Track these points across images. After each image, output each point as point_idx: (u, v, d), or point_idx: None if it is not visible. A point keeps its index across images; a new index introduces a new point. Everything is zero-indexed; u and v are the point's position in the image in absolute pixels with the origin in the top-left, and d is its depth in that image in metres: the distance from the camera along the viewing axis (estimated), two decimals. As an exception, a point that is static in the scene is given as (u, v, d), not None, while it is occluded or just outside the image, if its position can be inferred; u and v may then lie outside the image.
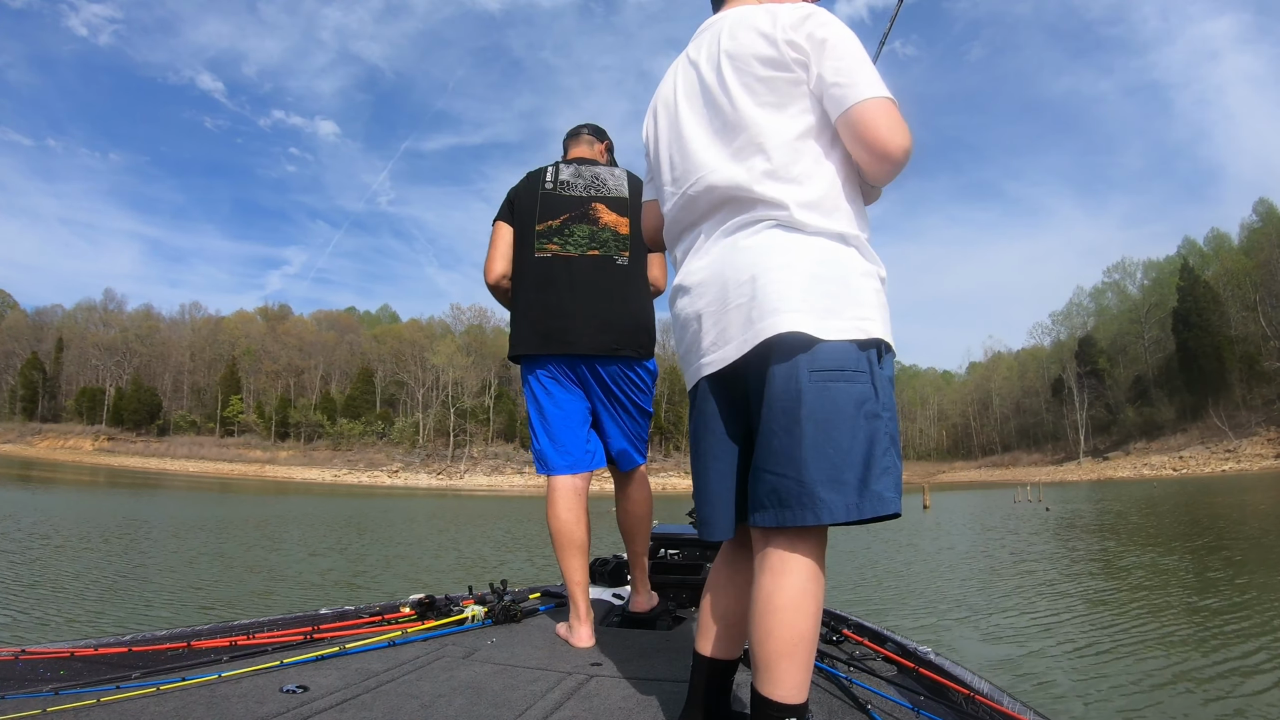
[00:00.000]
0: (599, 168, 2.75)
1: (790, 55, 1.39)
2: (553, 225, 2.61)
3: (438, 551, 13.53)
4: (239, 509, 24.78)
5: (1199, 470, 62.28)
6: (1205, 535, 14.49)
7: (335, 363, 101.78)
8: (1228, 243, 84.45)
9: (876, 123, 1.33)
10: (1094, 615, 7.06)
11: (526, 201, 2.67)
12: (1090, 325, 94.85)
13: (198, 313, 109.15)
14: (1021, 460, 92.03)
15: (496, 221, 2.73)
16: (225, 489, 45.35)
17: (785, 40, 1.39)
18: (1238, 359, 73.43)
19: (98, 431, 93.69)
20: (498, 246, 2.70)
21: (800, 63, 1.39)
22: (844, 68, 1.35)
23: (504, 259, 2.70)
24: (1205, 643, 5.83)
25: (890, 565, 11.19)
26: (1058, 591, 8.45)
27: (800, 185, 1.37)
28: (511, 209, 2.71)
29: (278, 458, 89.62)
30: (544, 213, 2.63)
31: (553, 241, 2.60)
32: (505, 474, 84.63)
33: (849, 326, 1.30)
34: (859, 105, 1.33)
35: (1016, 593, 8.42)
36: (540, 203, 2.65)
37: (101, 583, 8.27)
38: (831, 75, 1.36)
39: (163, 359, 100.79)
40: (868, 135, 1.33)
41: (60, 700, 1.58)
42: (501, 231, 2.71)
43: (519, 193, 2.71)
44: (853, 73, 1.35)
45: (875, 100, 1.33)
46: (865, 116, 1.33)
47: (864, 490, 1.26)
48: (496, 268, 2.70)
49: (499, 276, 2.70)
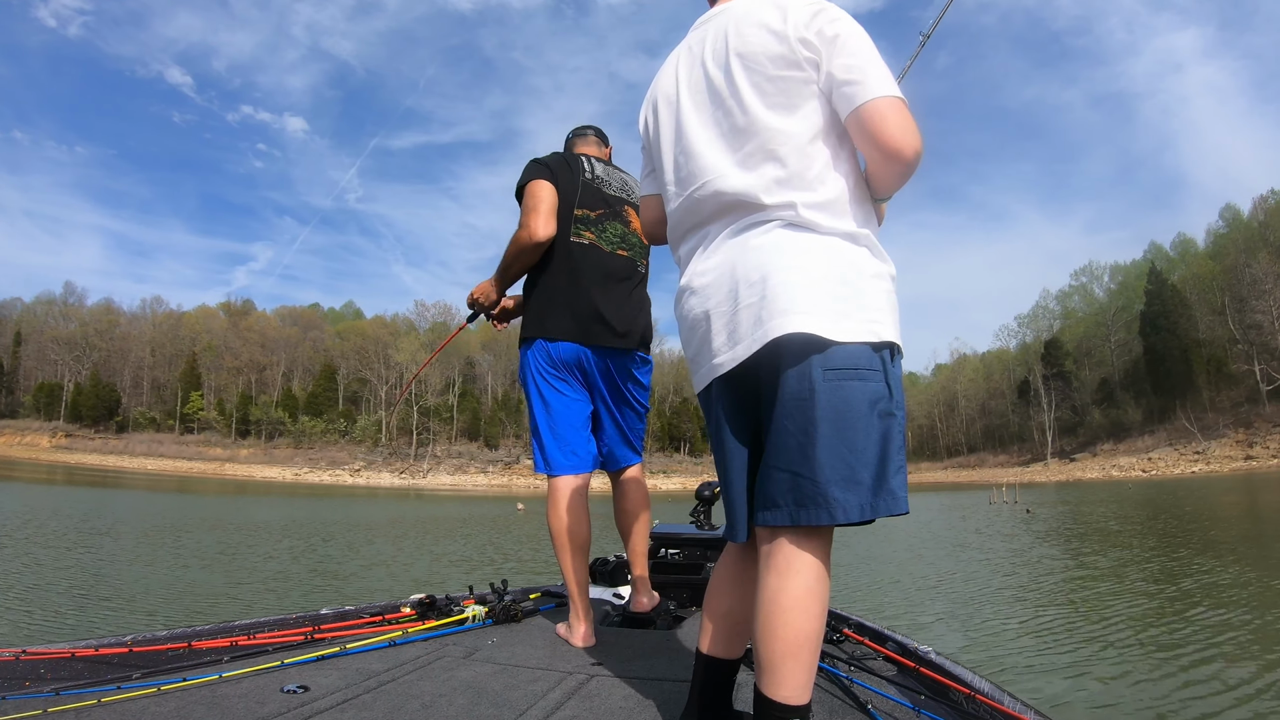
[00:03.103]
0: (624, 173, 2.72)
1: (802, 54, 1.32)
2: (590, 215, 2.53)
3: (398, 568, 10.71)
4: (180, 510, 22.57)
5: (1168, 472, 60.24)
6: (1222, 536, 13.39)
7: (298, 359, 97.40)
8: (1194, 247, 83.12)
9: (887, 122, 1.27)
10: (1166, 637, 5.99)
11: (566, 181, 2.53)
12: (1056, 328, 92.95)
13: (159, 307, 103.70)
14: (988, 462, 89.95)
15: (539, 181, 2.49)
16: (182, 488, 43.09)
17: (797, 38, 1.32)
18: (1205, 362, 71.80)
19: (55, 428, 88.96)
20: (549, 203, 2.47)
21: (812, 61, 1.32)
22: (855, 65, 1.29)
23: (555, 219, 2.48)
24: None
25: (910, 576, 9.80)
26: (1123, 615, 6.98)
27: (811, 187, 1.31)
28: (553, 178, 2.51)
29: (238, 456, 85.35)
30: (583, 200, 2.53)
31: (589, 230, 2.52)
32: (469, 473, 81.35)
33: (861, 328, 1.26)
34: (870, 104, 1.27)
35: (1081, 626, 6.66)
36: (581, 189, 2.54)
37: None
38: (842, 73, 1.29)
39: (122, 354, 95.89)
40: (878, 135, 1.28)
41: (61, 700, 1.55)
42: (550, 191, 2.49)
43: (555, 167, 2.53)
44: (864, 70, 1.29)
45: (886, 99, 1.27)
46: (876, 115, 1.27)
47: (879, 489, 1.23)
48: (550, 225, 2.46)
49: (549, 235, 2.46)
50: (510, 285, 2.63)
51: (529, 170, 2.53)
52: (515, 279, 2.58)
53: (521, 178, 2.54)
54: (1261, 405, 64.33)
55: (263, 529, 16.39)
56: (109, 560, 10.04)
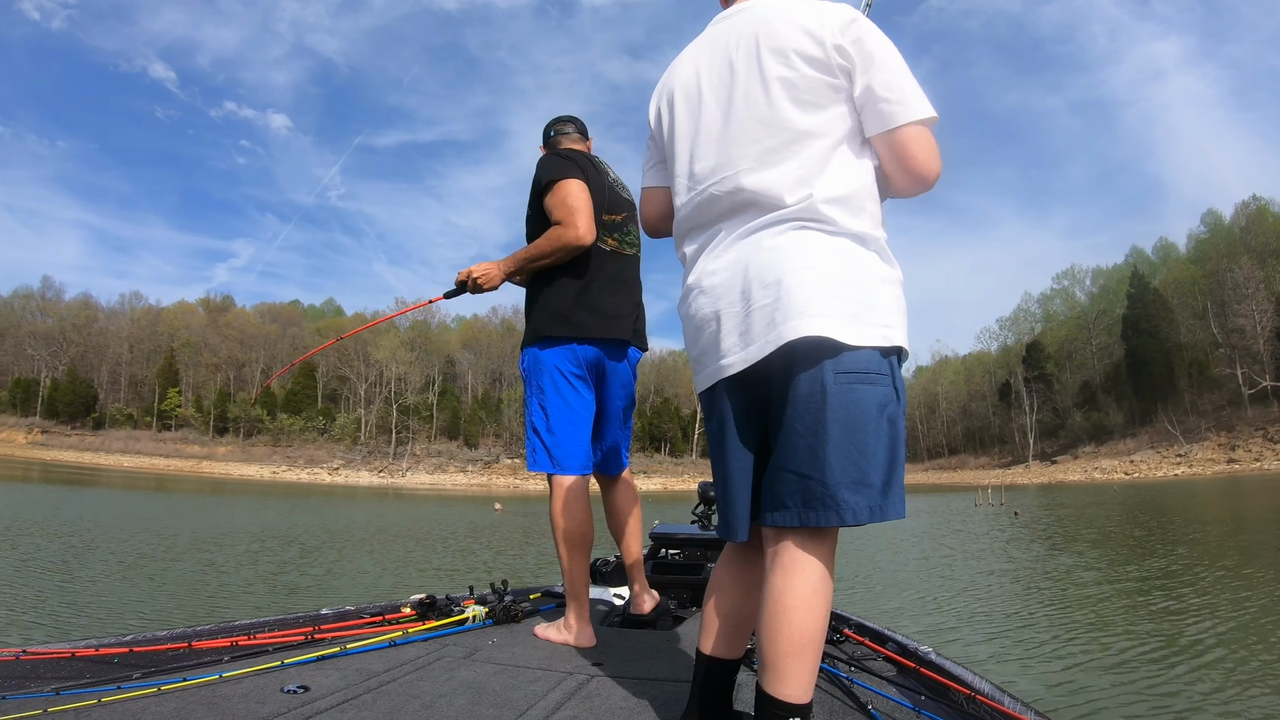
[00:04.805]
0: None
1: (836, 60, 1.31)
2: (616, 220, 2.54)
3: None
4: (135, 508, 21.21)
5: (1150, 474, 59.34)
6: (1212, 535, 13.75)
7: (277, 356, 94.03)
8: (1175, 252, 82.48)
9: (919, 149, 1.30)
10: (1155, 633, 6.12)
11: (594, 182, 2.47)
12: (1038, 330, 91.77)
13: (138, 303, 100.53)
14: (969, 464, 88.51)
15: (577, 181, 2.40)
16: (159, 486, 41.09)
17: (834, 44, 1.31)
18: (1186, 365, 70.91)
19: (31, 424, 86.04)
20: (591, 205, 2.40)
21: (845, 70, 1.31)
22: (895, 83, 1.30)
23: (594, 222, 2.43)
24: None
25: (917, 579, 9.55)
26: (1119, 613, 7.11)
27: (829, 189, 1.30)
28: (585, 178, 2.44)
29: (215, 453, 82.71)
30: (610, 204, 2.54)
31: (613, 236, 2.53)
32: (448, 472, 78.99)
33: (873, 333, 1.26)
34: (906, 129, 1.29)
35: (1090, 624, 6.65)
36: (608, 192, 2.54)
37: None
38: (883, 90, 1.29)
39: (100, 350, 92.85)
40: (909, 160, 1.31)
41: (61, 700, 1.55)
42: (588, 192, 2.41)
43: (584, 166, 2.47)
44: (903, 89, 1.30)
45: (920, 126, 1.30)
46: (910, 142, 1.30)
47: (887, 492, 1.23)
48: (594, 229, 2.40)
49: (593, 240, 2.39)
50: (524, 276, 2.53)
51: (559, 165, 2.42)
52: (534, 272, 2.48)
53: (550, 171, 2.42)
54: (1243, 409, 63.61)
55: (223, 540, 13.66)
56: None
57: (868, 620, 2.56)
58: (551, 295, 2.43)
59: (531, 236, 2.51)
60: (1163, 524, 16.94)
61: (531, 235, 2.51)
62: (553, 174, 2.40)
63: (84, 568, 9.14)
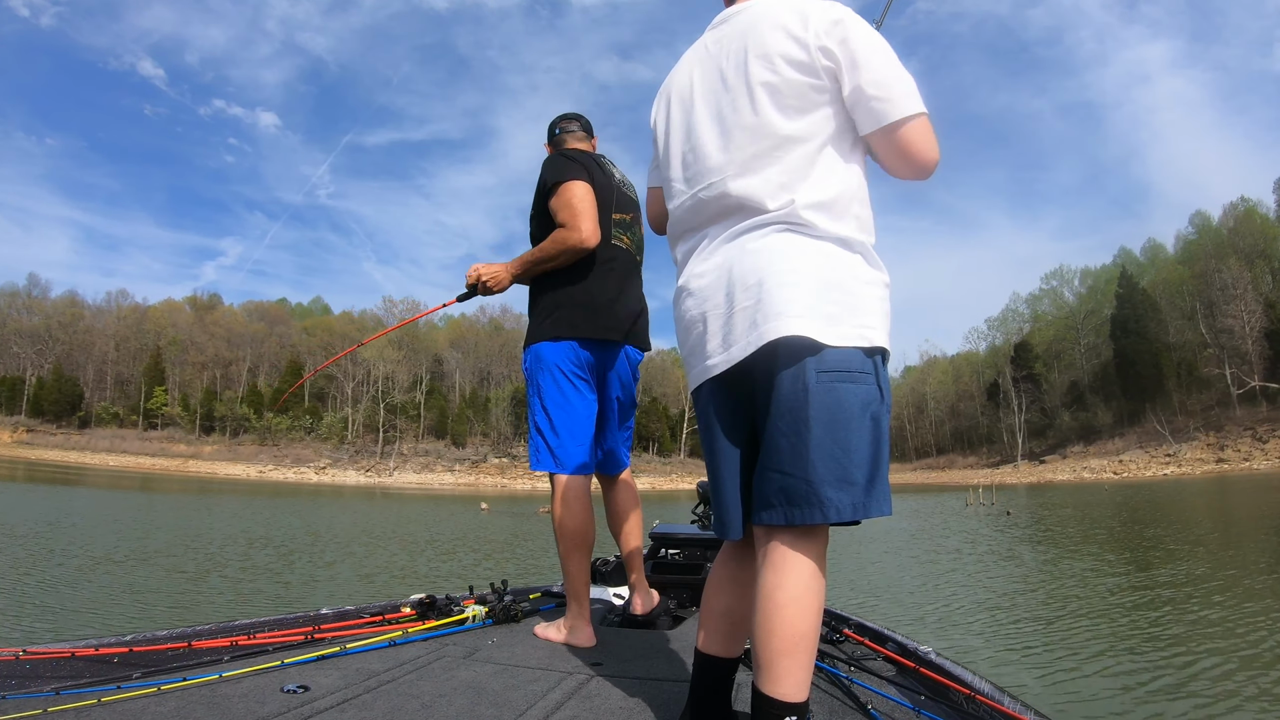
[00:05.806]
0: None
1: (821, 62, 1.30)
2: (624, 220, 2.54)
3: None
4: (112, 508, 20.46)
5: (1139, 474, 58.80)
6: (1211, 535, 13.56)
7: (264, 355, 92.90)
8: (1163, 253, 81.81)
9: (919, 140, 1.29)
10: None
11: (600, 183, 2.46)
12: (1026, 331, 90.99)
13: (124, 301, 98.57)
14: (957, 463, 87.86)
15: (582, 182, 2.37)
16: (144, 486, 40.48)
17: (818, 46, 1.30)
18: (1175, 365, 70.27)
19: (16, 423, 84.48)
20: (595, 207, 2.38)
21: (830, 71, 1.30)
22: (883, 80, 1.28)
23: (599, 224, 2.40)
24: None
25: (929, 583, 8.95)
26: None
27: (811, 194, 1.30)
28: (590, 179, 2.41)
29: (202, 452, 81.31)
30: (619, 204, 2.53)
31: (624, 235, 2.52)
32: (435, 471, 78.00)
33: (853, 334, 1.26)
34: (899, 123, 1.28)
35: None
36: (616, 193, 2.52)
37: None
38: (872, 88, 1.28)
39: (85, 348, 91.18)
40: (909, 153, 1.30)
41: (61, 700, 1.54)
42: (592, 194, 2.38)
43: (589, 167, 2.44)
44: (892, 86, 1.28)
45: (916, 120, 1.29)
46: (909, 135, 1.29)
47: (871, 490, 1.23)
48: (599, 231, 2.37)
49: (599, 242, 2.37)
50: (532, 279, 2.49)
51: (563, 166, 2.39)
52: (540, 274, 2.45)
53: (554, 173, 2.39)
54: (1232, 409, 63.06)
55: (191, 544, 12.46)
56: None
57: (867, 620, 2.52)
58: (554, 295, 2.40)
59: (536, 237, 2.45)
60: (1162, 524, 16.44)
61: (536, 236, 2.46)
62: (557, 176, 2.37)
63: (55, 569, 8.86)
